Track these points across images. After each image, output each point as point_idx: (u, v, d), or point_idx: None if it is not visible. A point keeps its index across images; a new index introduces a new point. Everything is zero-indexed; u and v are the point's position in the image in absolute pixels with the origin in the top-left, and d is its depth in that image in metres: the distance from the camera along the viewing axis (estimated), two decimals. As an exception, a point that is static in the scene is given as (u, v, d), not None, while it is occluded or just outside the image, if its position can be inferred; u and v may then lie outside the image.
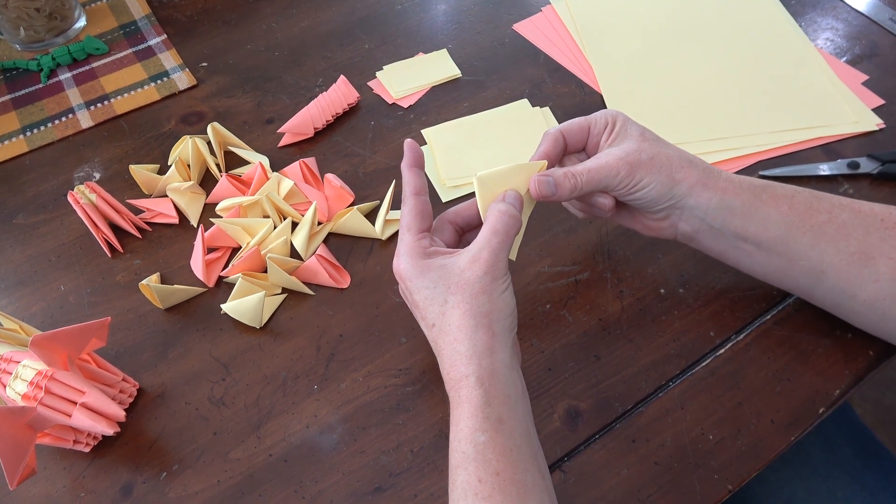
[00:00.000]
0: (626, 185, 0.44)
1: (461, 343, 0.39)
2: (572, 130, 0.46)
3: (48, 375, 0.42)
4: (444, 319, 0.40)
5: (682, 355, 0.49)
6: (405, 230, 0.43)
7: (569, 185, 0.43)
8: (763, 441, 0.45)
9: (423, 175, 0.46)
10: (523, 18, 0.75)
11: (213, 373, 0.50)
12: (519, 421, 0.38)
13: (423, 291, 0.41)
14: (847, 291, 0.43)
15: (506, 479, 0.35)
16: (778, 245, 0.44)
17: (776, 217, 0.43)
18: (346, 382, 0.49)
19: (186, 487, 0.45)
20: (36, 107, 0.69)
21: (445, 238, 0.46)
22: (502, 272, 0.40)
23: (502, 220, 0.41)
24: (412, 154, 0.45)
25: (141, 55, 0.73)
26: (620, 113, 0.46)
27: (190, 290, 0.53)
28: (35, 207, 0.61)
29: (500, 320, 0.40)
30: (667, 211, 0.45)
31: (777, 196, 0.44)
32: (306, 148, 0.64)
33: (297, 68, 0.71)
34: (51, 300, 0.55)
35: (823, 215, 0.43)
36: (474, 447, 0.36)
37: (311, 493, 0.44)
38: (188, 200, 0.58)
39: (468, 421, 0.37)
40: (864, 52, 0.68)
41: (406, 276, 0.42)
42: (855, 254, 0.42)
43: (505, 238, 0.41)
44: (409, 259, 0.42)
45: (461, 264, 0.40)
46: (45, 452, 0.47)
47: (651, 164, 0.43)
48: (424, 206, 0.44)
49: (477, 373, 0.38)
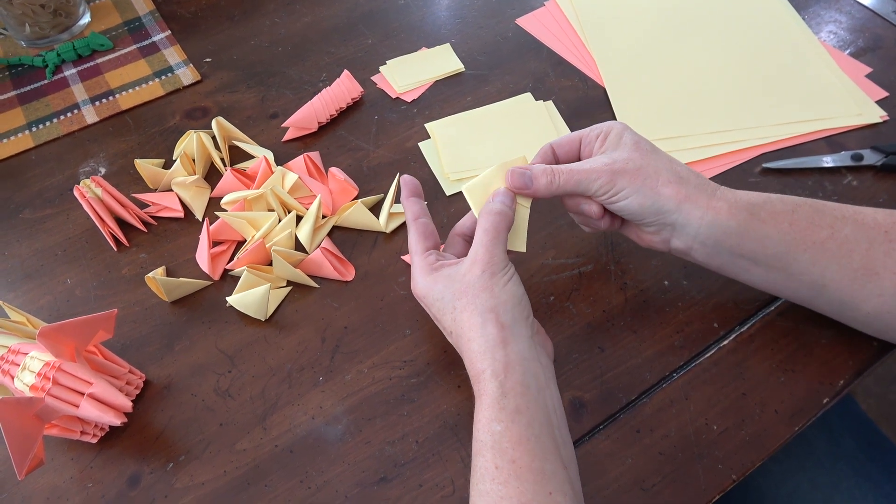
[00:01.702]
0: (607, 192, 0.43)
1: (474, 341, 0.40)
2: (562, 143, 0.47)
3: (56, 367, 0.42)
4: (456, 324, 0.41)
5: (686, 346, 0.49)
6: (413, 253, 0.46)
7: (545, 180, 0.44)
8: (767, 431, 0.45)
9: (421, 202, 0.48)
10: (526, 13, 0.75)
11: (218, 365, 0.50)
12: (539, 411, 0.38)
13: (436, 304, 0.43)
14: (849, 304, 0.43)
15: (522, 467, 0.36)
16: (777, 262, 0.43)
17: (776, 236, 0.42)
18: (351, 374, 0.49)
19: (193, 478, 0.45)
20: (41, 103, 0.69)
21: (457, 251, 0.47)
22: (500, 266, 0.41)
23: (489, 218, 0.43)
24: (408, 187, 0.48)
25: (145, 51, 0.73)
26: (618, 124, 0.46)
27: (195, 283, 0.54)
28: (41, 202, 0.61)
29: (508, 311, 0.40)
30: (657, 226, 0.45)
31: (776, 213, 0.42)
32: (310, 142, 0.64)
33: (300, 63, 0.71)
34: (57, 294, 0.55)
35: (825, 231, 0.42)
36: (491, 436, 0.37)
37: (316, 484, 0.45)
38: (193, 194, 0.59)
39: (486, 412, 0.38)
40: (867, 45, 0.68)
41: (421, 293, 0.44)
42: (858, 270, 0.41)
43: (495, 234, 0.42)
44: (420, 277, 0.44)
45: (462, 269, 0.42)
46: (52, 443, 0.47)
47: (636, 174, 0.43)
48: (426, 227, 0.46)
49: (492, 367, 0.38)
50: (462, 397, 0.48)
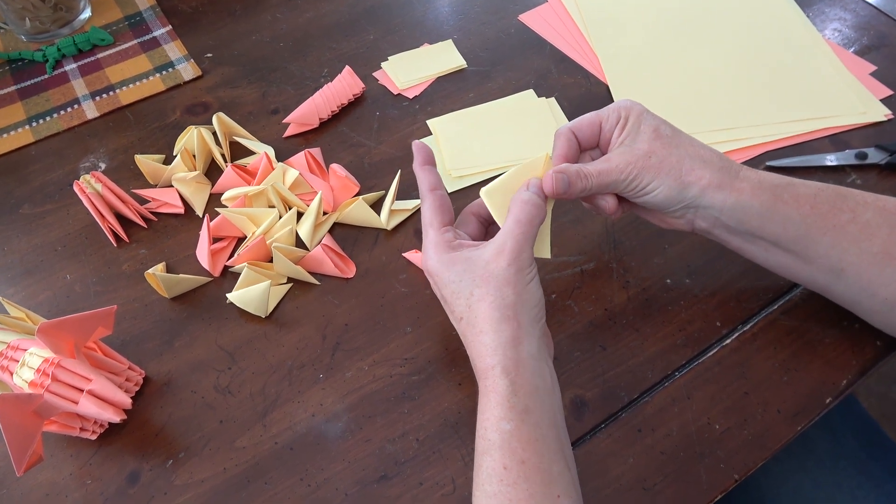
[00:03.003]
0: (634, 189, 0.43)
1: (487, 335, 0.38)
2: (583, 127, 0.45)
3: (55, 363, 0.42)
4: (470, 312, 0.40)
5: (689, 345, 0.49)
6: (428, 226, 0.43)
7: (580, 185, 0.43)
8: (769, 431, 0.45)
9: (435, 171, 0.45)
10: (529, 9, 0.74)
11: (218, 361, 0.50)
12: (546, 412, 0.37)
13: (449, 286, 0.41)
14: (867, 290, 0.43)
15: (531, 468, 0.35)
16: (796, 244, 0.43)
17: (797, 217, 0.42)
18: (351, 371, 0.49)
19: (193, 475, 0.45)
20: (42, 97, 0.69)
21: (470, 230, 0.45)
22: (527, 262, 0.40)
23: (525, 209, 0.41)
24: (422, 153, 0.45)
25: (146, 46, 0.73)
26: (635, 105, 0.45)
27: (195, 279, 0.53)
28: (41, 197, 0.61)
29: (526, 311, 0.39)
30: (682, 211, 0.44)
31: (799, 196, 0.42)
32: (311, 138, 0.64)
33: (302, 59, 0.71)
34: (57, 289, 0.55)
35: (847, 214, 0.42)
36: (500, 435, 0.36)
37: (316, 481, 0.44)
38: (193, 190, 0.58)
39: (494, 410, 0.37)
40: (872, 43, 0.68)
41: (433, 270, 0.42)
42: (878, 254, 0.41)
43: (529, 227, 0.40)
44: (436, 254, 0.41)
45: (486, 256, 0.40)
46: (52, 440, 0.47)
47: (659, 167, 0.42)
48: (443, 200, 0.44)
49: (503, 363, 0.38)
50: (463, 395, 0.47)
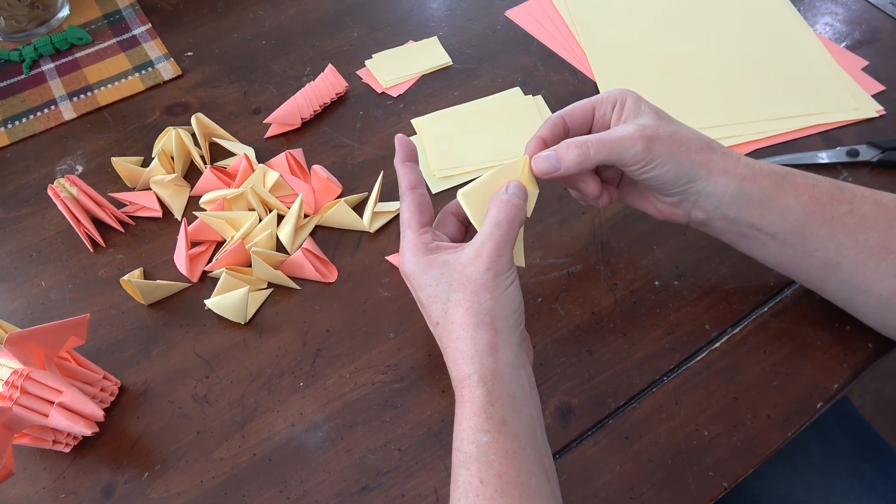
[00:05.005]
0: (642, 161, 0.41)
1: (463, 342, 0.37)
2: (574, 113, 0.44)
3: (24, 375, 0.41)
4: (447, 317, 0.38)
5: (677, 349, 0.48)
6: (406, 227, 0.42)
7: (575, 153, 0.41)
8: (759, 437, 0.44)
9: (417, 169, 0.44)
10: (516, 5, 0.73)
11: (196, 370, 0.49)
12: (524, 422, 0.36)
13: (426, 289, 0.39)
14: (862, 286, 0.42)
15: (508, 482, 0.34)
16: (794, 236, 0.42)
17: (796, 206, 0.41)
18: (332, 379, 0.48)
19: (169, 488, 0.44)
20: (18, 98, 0.67)
21: (449, 231, 0.44)
22: (506, 267, 0.38)
23: (505, 209, 0.39)
24: (404, 149, 0.44)
25: (125, 45, 0.72)
26: (631, 92, 0.44)
27: (173, 285, 0.52)
28: (16, 201, 0.59)
29: (504, 318, 0.38)
30: (681, 196, 0.43)
31: (798, 185, 0.42)
32: (293, 139, 0.63)
33: (284, 57, 0.69)
34: (31, 296, 0.53)
35: (844, 206, 0.41)
36: (476, 447, 0.35)
37: (296, 494, 0.43)
38: (172, 193, 0.57)
39: (470, 420, 0.36)
40: (863, 38, 0.67)
41: (410, 273, 0.40)
42: (874, 247, 0.40)
43: (508, 230, 0.39)
44: (413, 256, 0.40)
45: (463, 260, 0.38)
46: (24, 453, 0.46)
47: (670, 140, 0.41)
48: (422, 199, 0.42)
49: (479, 372, 0.36)
50: (446, 402, 0.46)
